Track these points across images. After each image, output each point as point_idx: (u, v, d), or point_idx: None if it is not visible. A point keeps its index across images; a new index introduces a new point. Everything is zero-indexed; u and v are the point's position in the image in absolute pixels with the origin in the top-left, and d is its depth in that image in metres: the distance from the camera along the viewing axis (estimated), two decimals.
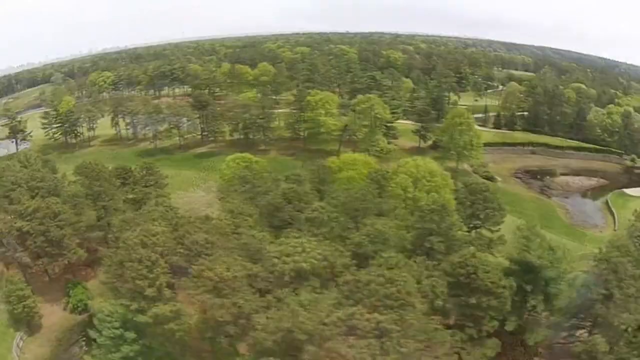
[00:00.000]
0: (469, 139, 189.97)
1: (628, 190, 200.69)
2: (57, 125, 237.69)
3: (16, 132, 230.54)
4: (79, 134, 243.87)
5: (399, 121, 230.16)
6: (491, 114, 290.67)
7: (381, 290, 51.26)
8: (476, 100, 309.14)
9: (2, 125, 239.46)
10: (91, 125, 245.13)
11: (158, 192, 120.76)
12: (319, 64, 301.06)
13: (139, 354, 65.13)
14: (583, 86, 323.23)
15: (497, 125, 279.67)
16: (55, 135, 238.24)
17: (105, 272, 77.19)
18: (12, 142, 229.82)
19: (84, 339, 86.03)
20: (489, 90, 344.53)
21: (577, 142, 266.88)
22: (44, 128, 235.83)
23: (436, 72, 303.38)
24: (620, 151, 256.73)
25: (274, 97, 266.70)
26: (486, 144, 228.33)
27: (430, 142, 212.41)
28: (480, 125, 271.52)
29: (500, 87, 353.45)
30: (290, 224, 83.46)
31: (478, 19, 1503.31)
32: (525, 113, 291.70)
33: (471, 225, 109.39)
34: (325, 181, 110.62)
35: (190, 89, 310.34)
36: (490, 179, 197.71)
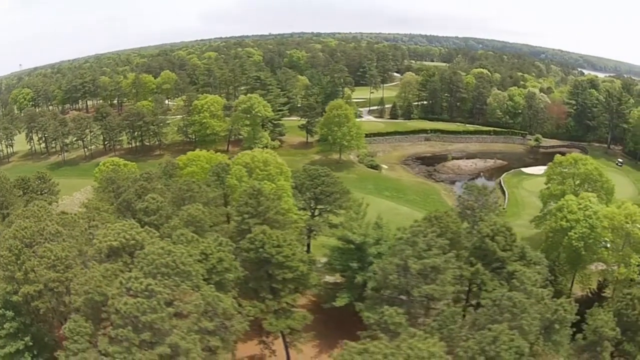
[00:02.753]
0: (347, 130, 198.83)
1: (526, 169, 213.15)
2: None
3: None
4: None
5: (290, 118, 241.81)
6: (388, 105, 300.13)
7: (158, 259, 58.64)
8: (372, 93, 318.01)
9: None
10: (9, 142, 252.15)
11: (50, 199, 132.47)
12: (215, 68, 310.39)
13: (18, 330, 72.18)
14: (485, 71, 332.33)
15: (393, 116, 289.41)
16: None
17: None
18: None
19: None
20: (385, 84, 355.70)
21: (476, 126, 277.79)
22: None
23: (328, 68, 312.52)
24: (523, 132, 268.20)
25: (172, 102, 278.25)
26: (377, 134, 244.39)
27: (318, 137, 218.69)
28: (376, 117, 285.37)
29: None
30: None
31: (404, 15, 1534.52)
32: (425, 102, 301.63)
33: (315, 209, 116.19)
34: (172, 176, 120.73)
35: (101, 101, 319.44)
36: (375, 167, 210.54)
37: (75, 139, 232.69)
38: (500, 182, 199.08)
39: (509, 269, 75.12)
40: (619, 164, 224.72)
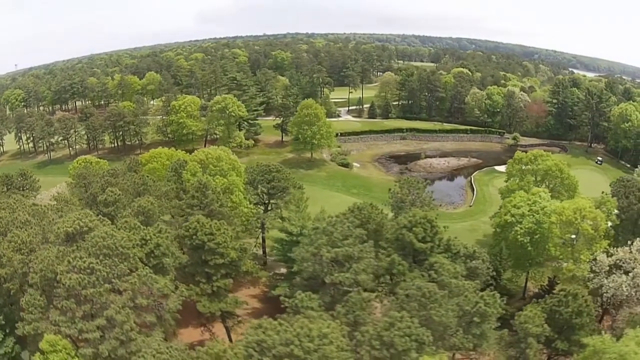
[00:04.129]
0: (317, 129, 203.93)
1: (499, 167, 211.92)
2: None
3: None
4: None
5: (268, 117, 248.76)
6: (367, 105, 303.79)
7: (100, 242, 65.10)
8: (351, 93, 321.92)
9: None
10: (0, 141, 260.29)
11: (30, 194, 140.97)
12: (197, 69, 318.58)
13: None
14: (465, 70, 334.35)
15: (372, 115, 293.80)
16: None
17: None
18: None
19: None
20: (369, 84, 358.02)
21: (453, 125, 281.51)
22: None
23: (306, 68, 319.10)
24: (501, 130, 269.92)
25: (153, 103, 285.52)
26: (352, 133, 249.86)
27: (292, 136, 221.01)
28: (355, 117, 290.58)
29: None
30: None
31: (398, 16, 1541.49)
32: (404, 101, 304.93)
33: (268, 204, 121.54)
34: (135, 172, 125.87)
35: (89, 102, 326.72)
36: (346, 165, 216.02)
37: (60, 138, 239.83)
38: (471, 179, 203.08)
39: (430, 261, 75.70)
40: (599, 162, 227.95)
